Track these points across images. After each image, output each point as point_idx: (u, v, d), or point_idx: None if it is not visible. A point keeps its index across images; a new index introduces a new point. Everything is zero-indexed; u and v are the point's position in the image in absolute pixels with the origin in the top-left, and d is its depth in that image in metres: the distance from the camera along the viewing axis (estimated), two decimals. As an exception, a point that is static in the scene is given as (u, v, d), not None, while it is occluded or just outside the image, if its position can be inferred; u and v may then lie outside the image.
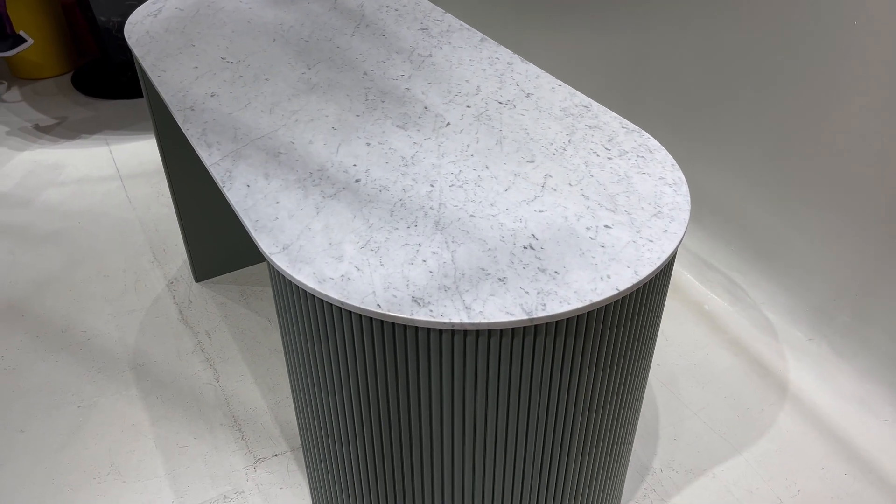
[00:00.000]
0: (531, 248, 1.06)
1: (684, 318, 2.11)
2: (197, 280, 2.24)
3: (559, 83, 1.49)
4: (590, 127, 1.34)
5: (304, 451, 1.42)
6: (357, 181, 1.20)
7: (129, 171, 2.78)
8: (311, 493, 1.52)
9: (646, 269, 1.02)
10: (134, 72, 3.31)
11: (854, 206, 1.80)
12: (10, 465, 1.70)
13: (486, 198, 1.16)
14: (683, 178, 1.21)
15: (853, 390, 1.86)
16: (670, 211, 1.14)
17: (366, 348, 1.03)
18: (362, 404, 1.10)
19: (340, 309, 1.00)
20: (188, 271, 2.28)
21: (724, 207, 2.17)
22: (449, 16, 1.80)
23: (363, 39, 1.67)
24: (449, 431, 1.09)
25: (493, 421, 1.08)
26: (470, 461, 1.14)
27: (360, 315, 0.99)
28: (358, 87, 1.48)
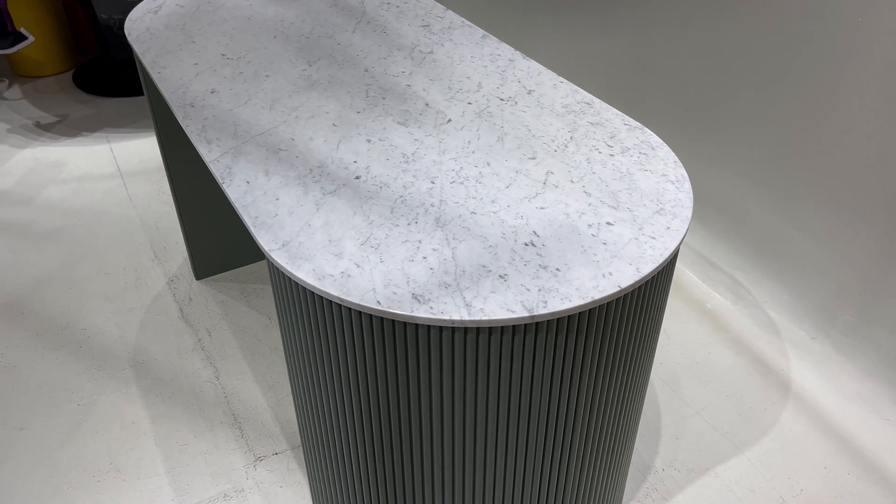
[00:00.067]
0: (532, 245, 1.05)
1: (686, 316, 2.10)
2: (197, 278, 2.24)
3: (561, 80, 1.48)
4: (592, 124, 1.33)
5: (304, 450, 1.42)
6: (357, 178, 1.20)
7: (129, 169, 2.78)
8: (311, 491, 1.51)
9: (648, 267, 1.02)
10: (135, 69, 3.31)
11: (857, 204, 1.79)
12: (10, 463, 1.70)
13: (488, 194, 1.15)
14: (686, 175, 1.20)
15: (856, 389, 1.85)
16: (673, 208, 1.13)
17: (366, 346, 1.02)
18: (362, 402, 1.10)
19: (340, 306, 1.00)
20: (188, 269, 2.28)
21: (727, 206, 2.16)
22: (450, 12, 1.80)
23: (364, 36, 1.67)
24: (449, 430, 1.08)
25: (493, 419, 1.07)
26: (470, 460, 1.13)
27: (360, 312, 0.98)
28: (359, 83, 1.47)
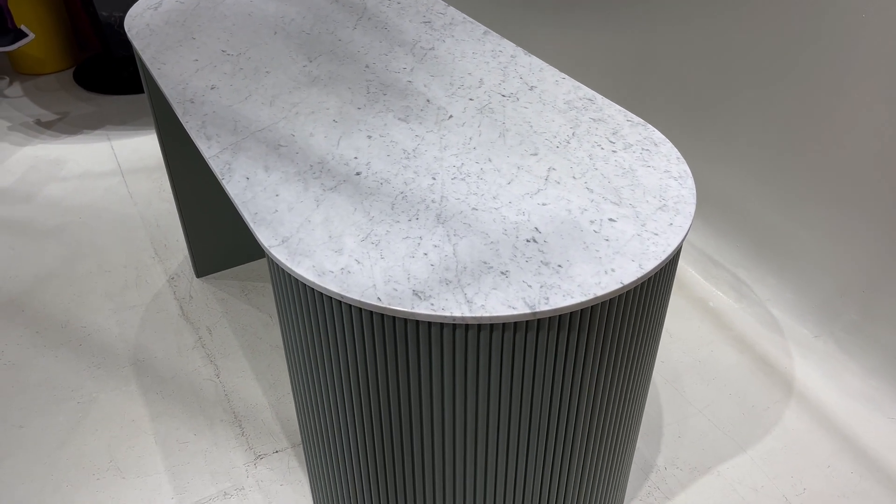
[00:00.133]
0: (534, 241, 1.04)
1: (689, 314, 2.09)
2: (198, 276, 2.23)
3: (563, 76, 1.47)
4: (594, 120, 1.33)
5: (304, 447, 1.41)
6: (358, 174, 1.19)
7: (130, 167, 2.77)
8: (312, 489, 1.51)
9: (651, 263, 1.01)
10: (135, 67, 3.30)
11: (860, 201, 1.78)
12: (10, 460, 1.69)
13: (489, 191, 1.14)
14: (689, 172, 1.19)
15: (860, 388, 1.84)
16: (675, 204, 1.12)
17: (366, 342, 1.01)
18: (362, 399, 1.09)
19: (340, 302, 0.99)
20: (189, 267, 2.27)
21: (730, 204, 2.15)
22: (452, 9, 1.79)
23: (365, 32, 1.66)
24: (450, 427, 1.08)
25: (494, 416, 1.06)
26: (471, 458, 1.12)
27: (361, 308, 0.97)
28: (359, 79, 1.46)
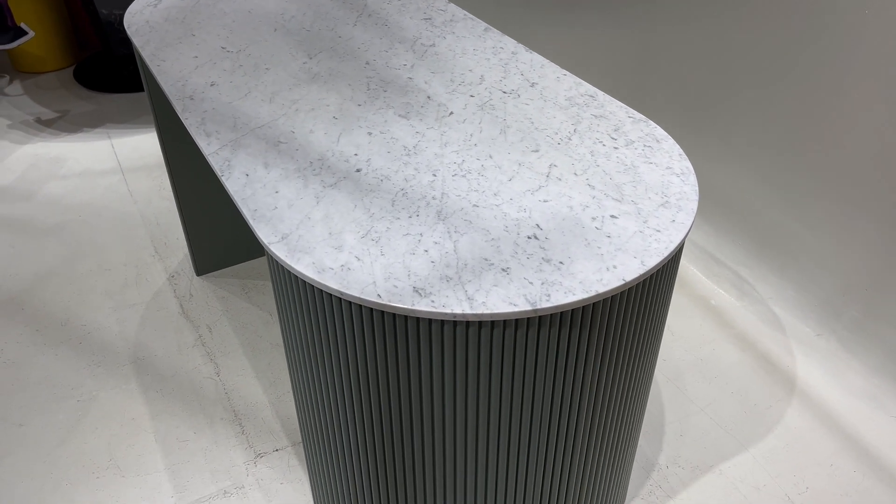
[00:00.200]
0: (535, 238, 1.03)
1: (691, 312, 2.08)
2: (198, 274, 2.23)
3: (564, 72, 1.46)
4: (596, 116, 1.32)
5: (304, 446, 1.40)
6: (358, 171, 1.18)
7: (130, 165, 2.76)
8: (312, 487, 1.50)
9: (653, 260, 1.00)
10: (136, 65, 3.30)
11: (862, 199, 1.77)
12: (9, 459, 1.69)
13: (490, 187, 1.13)
14: (691, 168, 1.19)
15: (862, 386, 1.84)
16: (678, 201, 1.11)
17: (366, 340, 1.00)
18: (362, 397, 1.08)
19: (340, 299, 0.98)
20: (189, 265, 2.27)
21: (732, 202, 2.14)
22: (452, 6, 1.78)
23: (365, 29, 1.65)
24: (451, 425, 1.07)
25: (495, 414, 1.06)
26: (472, 455, 1.11)
27: (361, 306, 0.97)
28: (360, 76, 1.46)
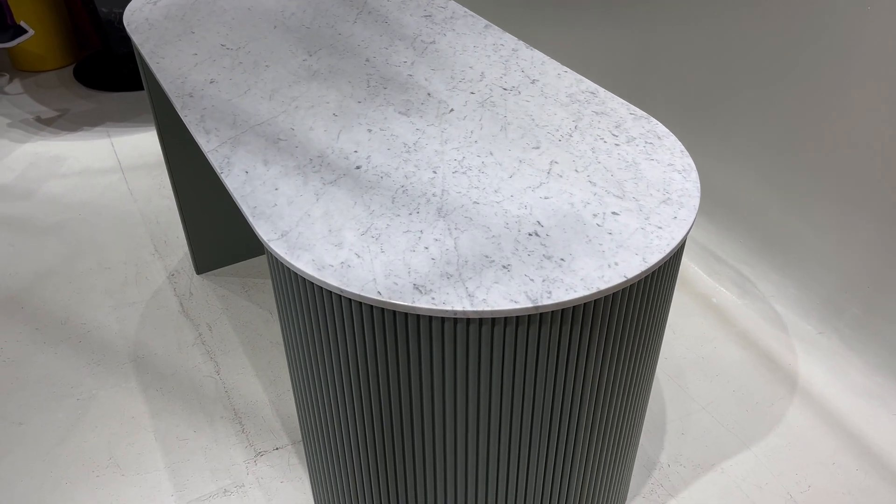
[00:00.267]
0: (536, 234, 1.03)
1: (692, 310, 2.07)
2: (198, 272, 2.22)
3: (565, 69, 1.46)
4: (596, 113, 1.31)
5: (304, 444, 1.40)
6: (358, 168, 1.18)
7: (130, 164, 2.76)
8: (312, 486, 1.50)
9: (654, 257, 0.99)
10: (135, 64, 3.29)
11: (863, 197, 1.77)
12: (9, 457, 1.69)
13: (490, 184, 1.13)
14: (693, 165, 1.18)
15: (864, 384, 1.83)
16: (679, 197, 1.11)
17: (366, 337, 1.00)
18: (363, 394, 1.08)
19: (340, 296, 0.98)
20: (189, 263, 2.26)
21: (733, 199, 2.14)
22: (452, 3, 1.78)
23: (365, 26, 1.64)
24: (451, 422, 1.07)
25: (496, 411, 1.05)
26: (473, 453, 1.11)
27: (361, 303, 0.96)
28: (360, 73, 1.45)
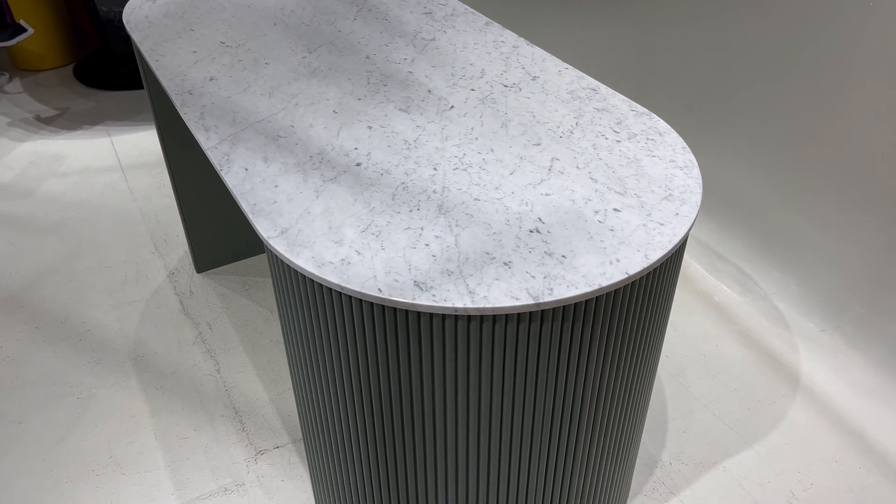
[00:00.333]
0: (537, 231, 1.02)
1: (694, 308, 2.07)
2: (198, 271, 2.22)
3: (566, 66, 1.45)
4: (598, 110, 1.31)
5: (304, 442, 1.39)
6: (358, 165, 1.17)
7: (130, 162, 2.76)
8: (313, 484, 1.49)
9: (656, 253, 0.99)
10: (135, 63, 3.28)
11: (865, 194, 1.76)
12: (9, 456, 1.68)
13: (491, 181, 1.12)
14: (694, 161, 1.17)
15: (866, 382, 1.82)
16: (681, 194, 1.10)
17: (366, 334, 0.99)
18: (363, 392, 1.07)
19: (340, 294, 0.97)
20: (189, 262, 2.26)
21: (735, 197, 2.13)
22: (453, 0, 1.77)
23: (365, 23, 1.64)
24: (452, 420, 1.06)
25: (497, 409, 1.05)
26: (474, 451, 1.10)
27: (361, 300, 0.96)
28: (360, 70, 1.45)
